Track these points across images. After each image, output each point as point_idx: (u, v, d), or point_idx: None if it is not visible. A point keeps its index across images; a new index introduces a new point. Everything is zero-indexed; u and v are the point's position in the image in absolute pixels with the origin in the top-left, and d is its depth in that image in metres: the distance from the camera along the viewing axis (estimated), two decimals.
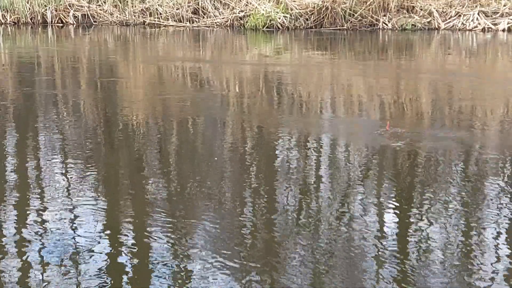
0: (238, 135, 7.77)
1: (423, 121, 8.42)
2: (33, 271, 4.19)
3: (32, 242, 4.62)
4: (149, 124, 8.25)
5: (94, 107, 9.50)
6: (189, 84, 11.53)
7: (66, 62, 14.99)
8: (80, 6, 22.53)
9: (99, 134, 7.83)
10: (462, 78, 12.23)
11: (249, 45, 18.40)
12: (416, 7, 20.11)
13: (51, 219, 5.03)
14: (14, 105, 9.70)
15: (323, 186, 5.81)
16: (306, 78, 12.20)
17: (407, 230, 4.82)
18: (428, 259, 4.30)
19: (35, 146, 7.29)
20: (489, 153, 6.75)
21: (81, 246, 4.51)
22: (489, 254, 4.39)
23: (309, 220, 4.97)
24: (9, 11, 22.87)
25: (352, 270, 4.17)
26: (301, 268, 4.19)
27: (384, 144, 7.00)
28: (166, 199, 5.49)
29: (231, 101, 9.79)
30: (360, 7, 19.98)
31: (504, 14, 19.57)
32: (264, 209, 5.22)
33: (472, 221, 4.92)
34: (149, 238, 4.65)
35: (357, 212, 5.14)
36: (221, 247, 4.48)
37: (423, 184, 5.76)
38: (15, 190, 5.76)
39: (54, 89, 11.11)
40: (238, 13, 21.02)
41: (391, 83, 11.54)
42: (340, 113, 8.96)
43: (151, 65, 14.45)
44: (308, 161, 6.57)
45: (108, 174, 6.25)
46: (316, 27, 20.26)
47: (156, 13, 21.93)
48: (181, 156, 6.88)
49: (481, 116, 8.68)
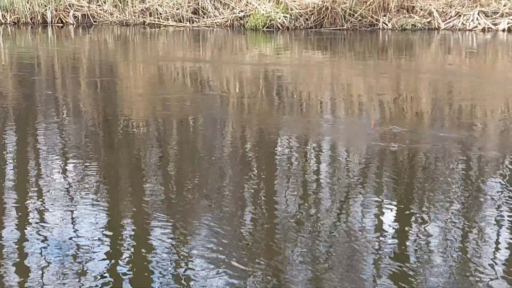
0: (237, 134, 7.78)
1: (422, 121, 8.41)
2: (33, 271, 4.19)
3: (32, 242, 4.62)
4: (148, 124, 8.24)
5: (94, 107, 9.49)
6: (189, 84, 11.52)
7: (66, 62, 14.99)
8: (80, 6, 22.53)
9: (99, 134, 7.83)
10: (462, 78, 12.22)
11: (249, 45, 18.39)
12: (416, 7, 20.11)
13: (51, 218, 5.03)
14: (12, 105, 9.69)
15: (324, 186, 5.81)
16: (306, 78, 12.19)
17: (399, 231, 4.82)
18: (427, 261, 4.30)
19: (35, 145, 7.29)
20: (489, 153, 6.75)
21: (81, 246, 4.52)
22: (489, 256, 4.39)
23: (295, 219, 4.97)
24: (9, 11, 22.88)
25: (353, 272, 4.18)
26: (302, 268, 4.18)
27: (382, 144, 7.00)
28: (166, 198, 5.49)
29: (231, 101, 9.78)
30: (360, 7, 19.98)
31: (504, 14, 19.57)
32: (257, 208, 5.23)
33: (472, 221, 4.92)
34: (149, 238, 4.66)
35: (351, 212, 5.14)
36: (221, 247, 4.48)
37: (423, 184, 5.76)
38: (14, 190, 5.77)
39: (53, 89, 11.10)
40: (238, 13, 21.03)
41: (390, 83, 11.53)
42: (339, 113, 8.96)
43: (151, 65, 14.45)
44: (304, 162, 6.57)
45: (108, 173, 6.25)
46: (316, 27, 20.26)
47: (156, 13, 21.94)
48: (180, 156, 6.87)
49: (480, 116, 8.67)
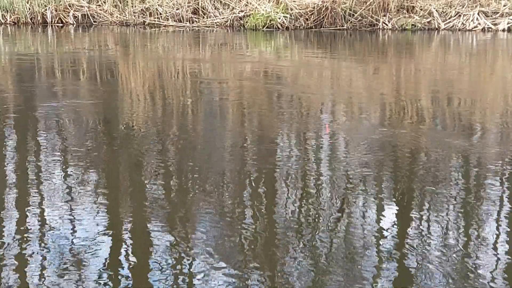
0: (236, 131, 7.79)
1: (421, 120, 8.41)
2: (33, 271, 4.19)
3: (32, 241, 4.62)
4: (148, 124, 8.24)
5: (93, 107, 9.49)
6: (189, 84, 11.52)
7: (65, 62, 14.98)
8: (80, 6, 22.52)
9: (99, 133, 7.83)
10: (462, 78, 12.23)
11: (249, 45, 18.39)
12: (416, 7, 20.12)
13: (51, 219, 5.03)
14: (12, 105, 9.70)
15: (323, 186, 5.81)
16: (306, 78, 12.20)
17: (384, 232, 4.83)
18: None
19: (34, 145, 7.29)
20: (488, 152, 6.75)
21: (81, 246, 4.52)
22: (489, 258, 4.39)
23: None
24: (9, 11, 22.87)
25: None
26: (302, 268, 4.18)
27: (385, 142, 7.01)
28: (166, 198, 5.49)
29: (231, 101, 9.78)
30: (360, 7, 19.98)
31: (504, 14, 19.58)
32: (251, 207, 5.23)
33: (471, 222, 4.93)
34: (150, 238, 4.66)
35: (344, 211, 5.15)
36: (222, 247, 4.48)
37: (423, 183, 5.76)
38: (14, 191, 5.77)
39: (53, 88, 11.10)
40: (238, 13, 21.03)
41: (390, 83, 11.54)
42: (337, 113, 8.96)
43: (150, 65, 14.45)
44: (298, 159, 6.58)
45: (109, 173, 6.25)
46: (316, 27, 20.26)
47: (156, 13, 21.93)
48: (180, 155, 6.87)
49: (480, 116, 8.67)
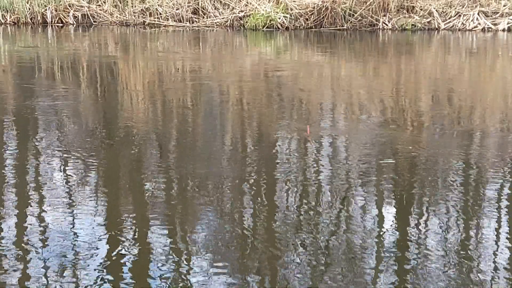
0: (236, 129, 7.79)
1: (421, 120, 8.41)
2: (33, 271, 4.19)
3: (32, 241, 4.62)
4: (148, 124, 8.24)
5: (93, 106, 9.49)
6: (189, 84, 11.52)
7: (65, 62, 14.97)
8: (80, 6, 22.51)
9: (99, 132, 7.83)
10: (462, 78, 12.22)
11: (249, 45, 18.39)
12: (416, 7, 20.10)
13: (51, 218, 5.03)
14: (12, 105, 9.70)
15: (323, 186, 5.81)
16: (305, 78, 12.20)
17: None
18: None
19: (34, 145, 7.29)
20: (488, 153, 6.75)
21: (80, 246, 4.52)
22: (489, 261, 4.39)
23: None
24: (9, 11, 22.85)
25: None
26: (302, 268, 4.18)
27: (382, 142, 7.01)
28: (166, 198, 5.49)
29: (231, 101, 9.78)
30: (360, 7, 19.97)
31: (504, 14, 19.57)
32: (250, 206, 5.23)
33: (471, 222, 4.93)
34: (150, 237, 4.66)
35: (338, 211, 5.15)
36: (222, 247, 4.48)
37: (423, 182, 5.77)
38: (14, 190, 5.77)
39: (53, 88, 11.10)
40: (238, 13, 21.01)
41: (390, 83, 11.53)
42: (337, 113, 8.96)
43: (150, 65, 14.44)
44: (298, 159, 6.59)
45: (109, 173, 6.25)
46: (316, 27, 20.25)
47: (156, 13, 21.91)
48: (180, 155, 6.87)
49: (480, 115, 8.67)
